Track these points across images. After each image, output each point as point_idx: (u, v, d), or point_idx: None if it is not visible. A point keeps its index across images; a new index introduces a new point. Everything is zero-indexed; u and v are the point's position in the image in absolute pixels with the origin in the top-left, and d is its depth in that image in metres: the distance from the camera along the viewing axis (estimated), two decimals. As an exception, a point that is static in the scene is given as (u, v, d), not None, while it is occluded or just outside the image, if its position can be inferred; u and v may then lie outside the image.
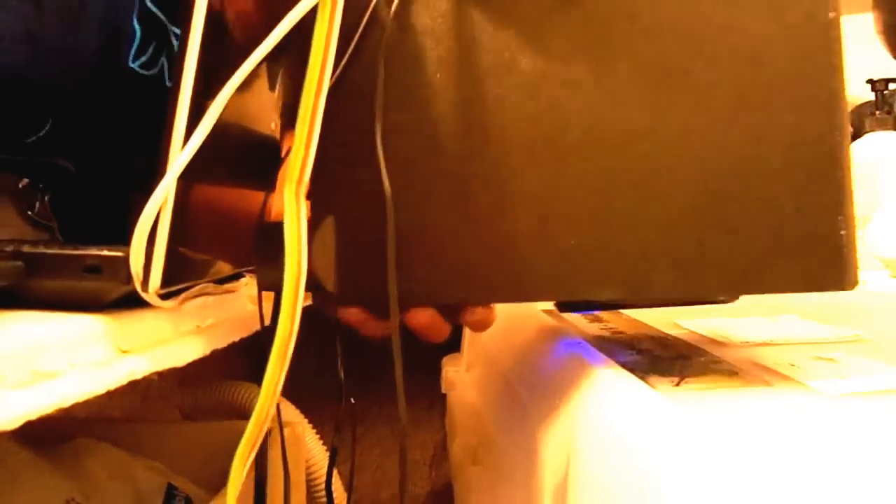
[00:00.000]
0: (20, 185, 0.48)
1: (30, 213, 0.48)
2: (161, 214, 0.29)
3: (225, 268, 0.41)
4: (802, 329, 0.49)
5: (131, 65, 0.48)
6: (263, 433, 0.31)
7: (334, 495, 0.53)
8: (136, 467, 0.55)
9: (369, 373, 0.56)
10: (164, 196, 0.29)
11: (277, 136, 0.48)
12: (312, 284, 0.34)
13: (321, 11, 0.31)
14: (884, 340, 0.46)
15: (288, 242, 0.30)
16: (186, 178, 0.30)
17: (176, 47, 0.39)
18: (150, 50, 0.47)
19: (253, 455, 0.32)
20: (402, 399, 0.32)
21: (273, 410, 0.31)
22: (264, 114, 0.44)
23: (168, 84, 0.32)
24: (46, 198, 0.49)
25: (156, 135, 0.30)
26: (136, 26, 0.48)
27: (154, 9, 0.47)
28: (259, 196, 0.43)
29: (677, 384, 0.36)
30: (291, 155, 0.31)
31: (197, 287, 0.36)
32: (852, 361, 0.39)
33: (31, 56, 0.44)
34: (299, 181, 0.31)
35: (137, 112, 0.30)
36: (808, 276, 0.34)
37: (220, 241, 0.41)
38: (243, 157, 0.42)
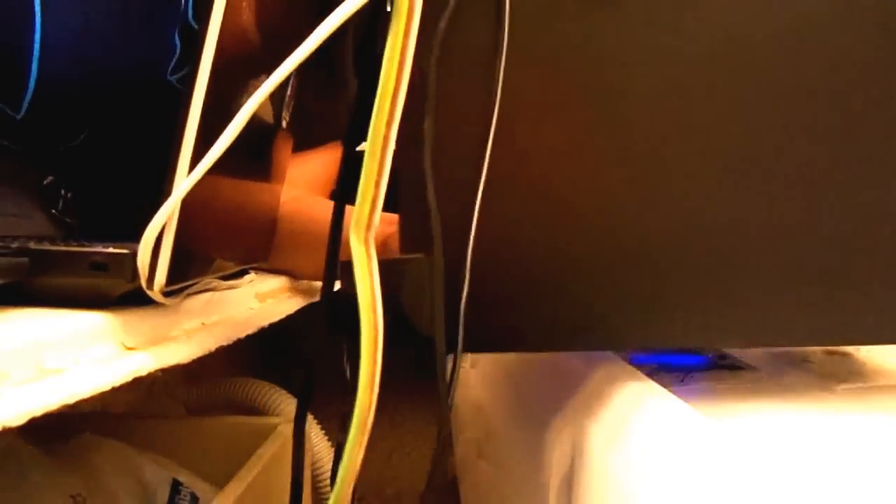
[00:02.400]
0: (44, 182, 0.48)
1: (53, 210, 0.48)
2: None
3: (229, 265, 0.41)
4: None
5: (169, 78, 0.49)
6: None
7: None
8: (141, 463, 0.55)
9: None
10: (177, 200, 0.28)
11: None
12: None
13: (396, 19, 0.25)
14: None
15: (362, 300, 0.27)
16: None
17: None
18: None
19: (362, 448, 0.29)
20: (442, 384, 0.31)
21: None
22: (265, 105, 0.44)
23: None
24: (69, 195, 0.49)
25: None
26: (177, 41, 0.48)
27: (195, 24, 0.47)
28: (264, 193, 0.43)
29: (682, 380, 0.36)
30: (359, 194, 0.27)
31: (201, 283, 0.36)
32: (865, 355, 0.39)
33: (77, 71, 0.44)
34: (368, 226, 0.27)
35: (171, 123, 0.29)
36: None
37: (226, 236, 0.41)
38: (247, 149, 0.42)
